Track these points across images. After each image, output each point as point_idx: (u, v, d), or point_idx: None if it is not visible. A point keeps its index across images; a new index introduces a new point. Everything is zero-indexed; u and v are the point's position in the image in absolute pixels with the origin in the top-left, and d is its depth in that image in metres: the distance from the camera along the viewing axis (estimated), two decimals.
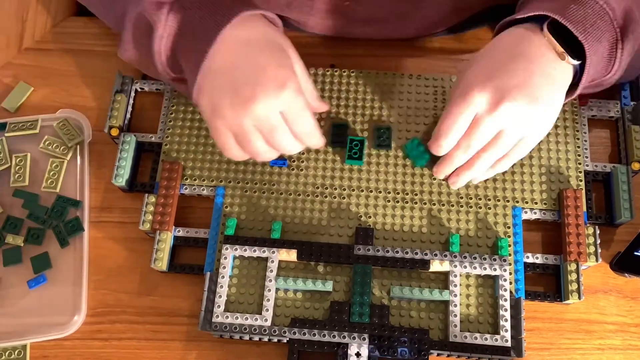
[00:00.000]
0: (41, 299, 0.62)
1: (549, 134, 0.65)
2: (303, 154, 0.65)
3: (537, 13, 0.55)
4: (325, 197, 0.63)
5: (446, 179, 0.63)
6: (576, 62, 0.56)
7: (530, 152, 0.64)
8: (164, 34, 0.56)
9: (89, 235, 0.64)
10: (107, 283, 0.63)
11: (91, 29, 0.75)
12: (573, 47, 0.55)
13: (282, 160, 0.64)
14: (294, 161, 0.65)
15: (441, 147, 0.59)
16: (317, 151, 0.65)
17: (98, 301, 0.62)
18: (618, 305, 0.61)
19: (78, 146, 0.68)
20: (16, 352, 0.60)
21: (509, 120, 0.55)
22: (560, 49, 0.55)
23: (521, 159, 0.64)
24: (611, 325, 0.60)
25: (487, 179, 0.63)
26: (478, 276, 0.60)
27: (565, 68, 0.56)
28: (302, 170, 0.65)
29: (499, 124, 0.55)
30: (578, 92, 0.58)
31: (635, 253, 0.60)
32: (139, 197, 0.65)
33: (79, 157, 0.68)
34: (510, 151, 0.58)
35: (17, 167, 0.66)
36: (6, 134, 0.68)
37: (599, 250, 0.60)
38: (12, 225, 0.64)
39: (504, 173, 0.64)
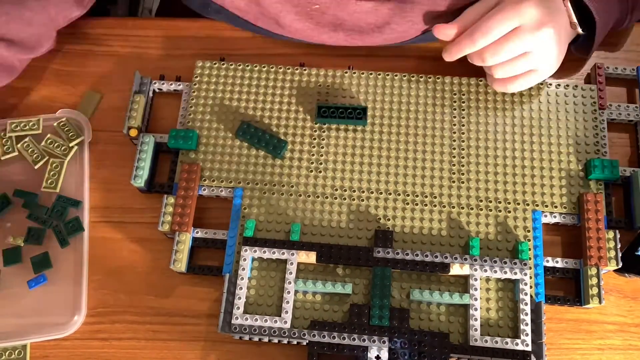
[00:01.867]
0: (41, 299, 0.62)
1: (568, 137, 0.65)
2: (322, 155, 0.65)
3: None
4: (345, 199, 0.63)
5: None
6: (582, 33, 0.63)
7: (550, 155, 0.64)
8: None
9: (89, 235, 0.65)
10: (107, 283, 0.63)
11: (92, 29, 0.75)
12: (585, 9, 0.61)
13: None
14: (312, 163, 0.65)
15: (475, 43, 0.61)
16: (335, 153, 0.65)
17: (98, 301, 0.63)
18: (618, 306, 0.61)
19: (78, 146, 0.68)
20: (16, 352, 0.60)
21: (542, 44, 0.60)
22: (574, 20, 0.62)
23: (541, 162, 0.64)
24: (611, 325, 0.60)
25: (507, 182, 0.63)
26: (498, 280, 0.60)
27: (572, 33, 0.64)
28: (321, 172, 0.65)
29: (533, 43, 0.60)
30: (594, 49, 0.64)
31: (636, 253, 0.60)
32: (140, 197, 0.66)
33: (78, 157, 0.68)
34: (525, 74, 0.63)
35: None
36: (8, 135, 0.68)
37: (620, 255, 0.59)
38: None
39: (523, 176, 0.63)
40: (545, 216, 0.62)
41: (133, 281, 0.63)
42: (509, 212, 0.62)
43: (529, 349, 0.56)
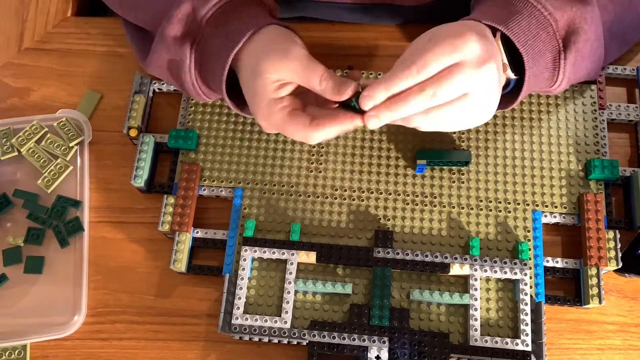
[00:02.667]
0: (41, 299, 0.62)
1: (568, 137, 0.65)
2: (322, 155, 0.65)
3: (482, 21, 0.54)
4: (345, 199, 0.63)
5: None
6: (514, 77, 0.56)
7: (550, 155, 0.64)
8: (190, 66, 0.59)
9: (89, 235, 0.65)
10: (107, 283, 0.63)
11: (91, 29, 0.75)
12: (514, 53, 0.55)
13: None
14: (312, 163, 0.65)
15: (408, 78, 0.51)
16: (335, 153, 0.65)
17: (98, 301, 0.63)
18: (618, 305, 0.61)
19: (77, 146, 0.68)
20: (16, 352, 0.60)
21: (484, 83, 0.52)
22: (505, 61, 0.55)
23: (541, 162, 0.64)
24: (611, 325, 0.60)
25: (507, 182, 0.63)
26: (498, 280, 0.60)
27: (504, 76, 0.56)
28: (321, 172, 0.65)
29: (475, 82, 0.51)
30: (517, 102, 0.58)
31: (637, 253, 0.60)
32: (140, 197, 0.66)
33: (78, 157, 0.68)
34: (450, 119, 0.53)
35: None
36: (12, 140, 0.68)
37: (620, 255, 0.59)
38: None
39: (523, 176, 0.63)
40: (545, 216, 0.62)
41: (133, 281, 0.63)
42: (509, 212, 0.62)
43: (529, 349, 0.56)
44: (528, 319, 0.57)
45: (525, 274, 0.59)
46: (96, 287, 0.63)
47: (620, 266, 0.59)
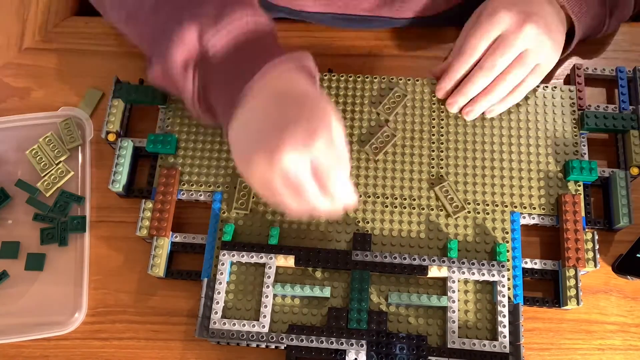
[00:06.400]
0: (41, 298, 0.62)
1: (547, 138, 0.65)
2: None
3: None
4: None
5: (460, 112, 0.66)
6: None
7: (529, 156, 0.64)
8: (193, 90, 0.56)
9: (89, 235, 0.64)
10: (107, 283, 0.63)
11: (91, 29, 0.75)
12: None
13: None
14: None
15: (464, 63, 0.62)
16: None
17: (98, 301, 0.62)
18: (619, 306, 0.61)
19: (80, 146, 0.68)
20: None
21: (531, 41, 0.60)
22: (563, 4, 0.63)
23: (519, 164, 0.64)
24: (612, 325, 0.60)
25: (486, 184, 0.63)
26: (476, 282, 0.60)
27: (564, 16, 0.64)
28: None
29: (523, 43, 0.60)
30: (573, 44, 0.65)
31: (638, 255, 0.60)
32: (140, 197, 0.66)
33: (80, 156, 0.68)
34: (527, 77, 0.63)
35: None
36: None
37: (598, 256, 0.59)
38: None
39: (502, 177, 0.63)
40: (524, 217, 0.62)
41: (133, 281, 0.63)
42: (488, 213, 0.62)
43: (507, 350, 0.56)
44: (506, 320, 0.57)
45: (503, 276, 0.59)
46: (96, 287, 0.63)
47: (598, 267, 0.59)
